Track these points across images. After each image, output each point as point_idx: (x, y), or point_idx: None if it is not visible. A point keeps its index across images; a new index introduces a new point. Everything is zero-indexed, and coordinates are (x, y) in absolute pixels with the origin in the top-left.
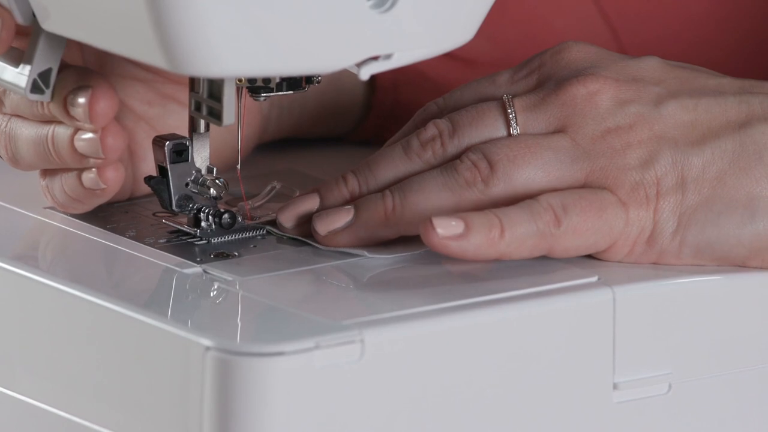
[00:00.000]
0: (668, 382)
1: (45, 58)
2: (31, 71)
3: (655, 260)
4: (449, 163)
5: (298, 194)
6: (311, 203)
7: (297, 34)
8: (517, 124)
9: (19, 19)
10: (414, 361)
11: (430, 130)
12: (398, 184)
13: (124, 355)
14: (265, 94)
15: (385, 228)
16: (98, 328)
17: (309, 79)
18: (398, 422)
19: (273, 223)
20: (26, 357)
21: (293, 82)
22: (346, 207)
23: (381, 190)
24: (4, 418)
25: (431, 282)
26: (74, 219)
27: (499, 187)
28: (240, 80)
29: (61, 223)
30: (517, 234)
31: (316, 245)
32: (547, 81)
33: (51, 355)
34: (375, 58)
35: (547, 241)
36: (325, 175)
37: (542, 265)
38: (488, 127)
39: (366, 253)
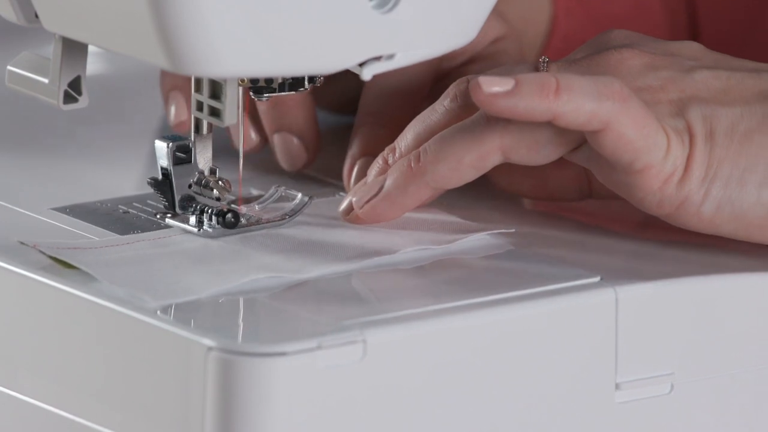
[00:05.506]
0: (670, 382)
1: (71, 67)
2: (60, 83)
3: (677, 207)
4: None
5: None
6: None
7: (299, 35)
8: None
9: (22, 20)
10: (416, 361)
11: (461, 82)
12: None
13: (126, 355)
14: (267, 95)
15: (414, 182)
16: (100, 328)
17: (311, 79)
18: (400, 422)
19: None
20: (28, 357)
21: (295, 83)
22: (378, 177)
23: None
24: (6, 419)
25: (433, 282)
26: (77, 220)
27: None
28: (242, 80)
29: (64, 224)
30: (575, 96)
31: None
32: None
33: (53, 356)
34: (377, 59)
35: (606, 113)
36: (327, 177)
37: (544, 264)
38: None
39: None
